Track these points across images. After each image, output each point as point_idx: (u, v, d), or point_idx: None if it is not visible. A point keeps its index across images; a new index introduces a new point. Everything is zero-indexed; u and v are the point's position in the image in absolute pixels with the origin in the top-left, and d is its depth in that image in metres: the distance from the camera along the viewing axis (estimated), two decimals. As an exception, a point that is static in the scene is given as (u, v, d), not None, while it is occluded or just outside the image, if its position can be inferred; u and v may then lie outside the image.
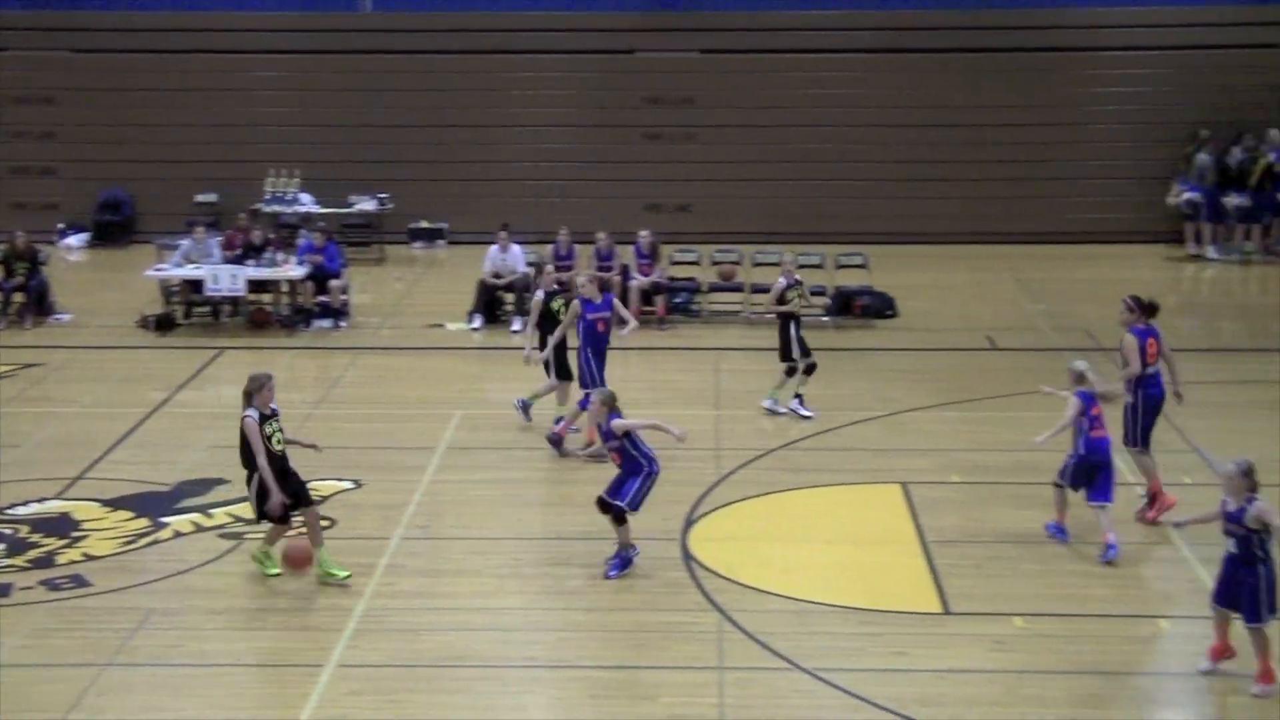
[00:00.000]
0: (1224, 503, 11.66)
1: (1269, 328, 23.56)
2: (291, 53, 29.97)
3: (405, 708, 11.62)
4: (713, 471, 16.69)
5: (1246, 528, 11.45)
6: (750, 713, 11.57)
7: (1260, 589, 11.47)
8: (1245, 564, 11.54)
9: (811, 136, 29.40)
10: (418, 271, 27.46)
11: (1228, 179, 27.57)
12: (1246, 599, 11.54)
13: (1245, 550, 11.52)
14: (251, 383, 13.72)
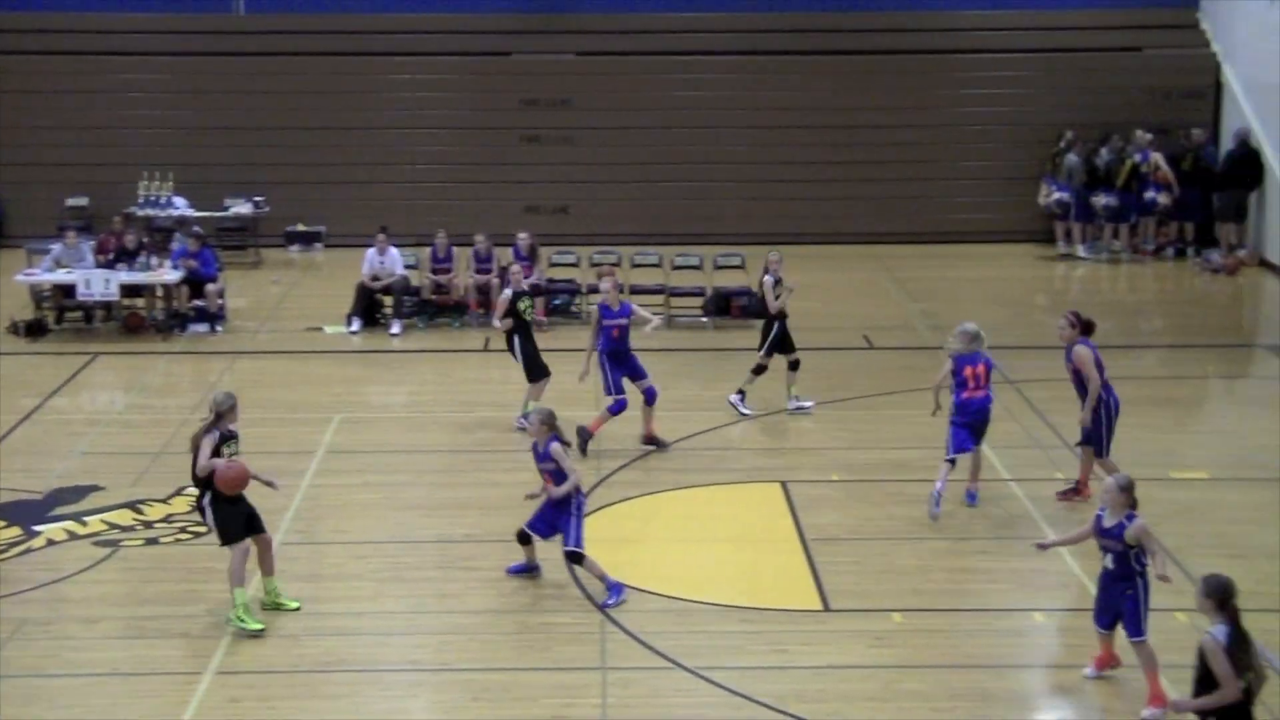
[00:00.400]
0: (1099, 518, 11.55)
1: (1137, 325, 24.03)
2: (164, 54, 29.61)
3: (286, 714, 11.53)
4: (593, 473, 16.71)
5: (1125, 543, 11.35)
6: (632, 712, 11.61)
7: (1141, 603, 11.40)
8: (1124, 579, 11.43)
9: (689, 138, 29.53)
10: (295, 275, 27.24)
11: (1096, 179, 28.05)
12: (1129, 614, 11.45)
13: (1123, 566, 11.42)
14: (224, 402, 13.20)
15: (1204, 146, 28.30)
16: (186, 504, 15.84)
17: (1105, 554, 11.56)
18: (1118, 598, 11.51)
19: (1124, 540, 11.36)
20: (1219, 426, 19.10)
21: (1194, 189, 27.91)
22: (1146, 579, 11.46)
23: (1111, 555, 11.47)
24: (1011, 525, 15.31)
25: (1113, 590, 11.56)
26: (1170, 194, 27.74)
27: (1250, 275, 26.80)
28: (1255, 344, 23.32)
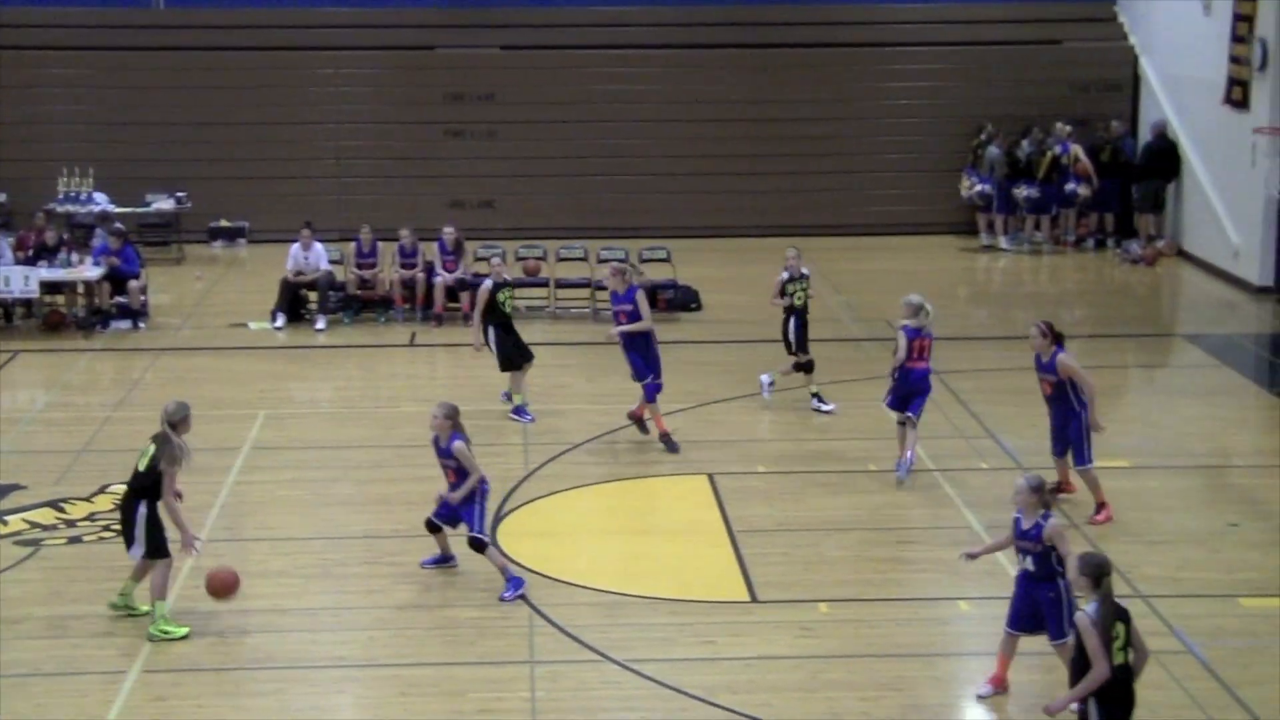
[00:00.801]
0: (1017, 520, 11.40)
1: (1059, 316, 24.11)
2: (84, 49, 29.29)
3: (213, 712, 11.46)
4: (520, 466, 16.71)
5: (1044, 544, 11.25)
6: (561, 705, 11.62)
7: (1062, 604, 11.28)
8: (1045, 580, 11.30)
9: (614, 132, 29.53)
10: (218, 271, 27.04)
11: (1017, 171, 28.28)
12: (1050, 615, 11.32)
13: (1044, 567, 11.28)
14: (176, 412, 12.72)
15: (1123, 138, 28.59)
16: (110, 502, 15.68)
17: (1024, 556, 11.39)
18: (1039, 599, 11.39)
19: (1042, 541, 11.27)
20: (1140, 415, 19.31)
21: (1113, 181, 28.21)
22: (1067, 581, 11.28)
23: (1031, 557, 11.34)
24: (937, 515, 15.42)
25: (1034, 592, 11.41)
26: (1090, 186, 28.01)
27: (1169, 265, 27.11)
28: (1174, 333, 23.60)
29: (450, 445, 13.26)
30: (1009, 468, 16.69)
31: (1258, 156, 23.90)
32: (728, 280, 25.59)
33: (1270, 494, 16.01)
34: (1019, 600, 11.55)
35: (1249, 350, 22.15)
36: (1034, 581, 11.41)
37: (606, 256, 24.18)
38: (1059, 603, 11.31)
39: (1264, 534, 14.96)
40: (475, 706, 11.57)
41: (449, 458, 13.31)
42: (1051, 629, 11.43)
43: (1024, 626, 11.57)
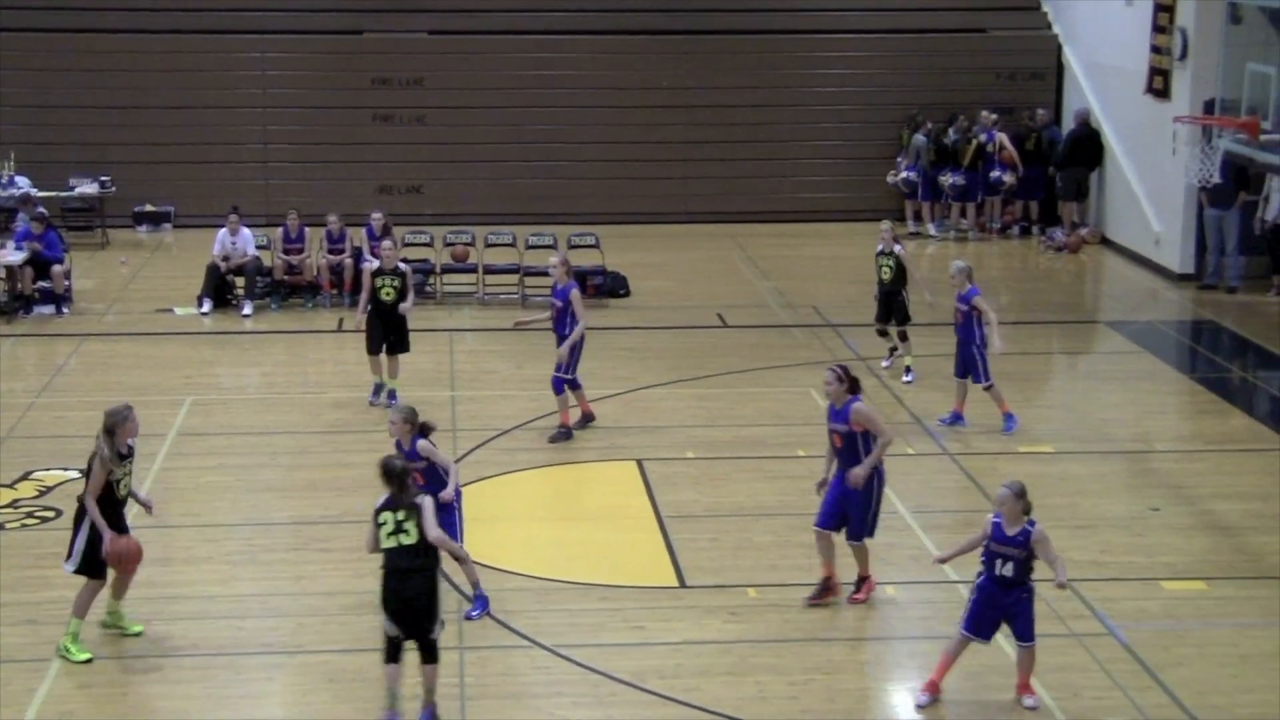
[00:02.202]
0: (996, 525, 11.26)
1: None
2: (4, 30, 28.90)
3: (138, 700, 11.40)
4: (450, 453, 16.66)
5: (1029, 550, 11.17)
6: (490, 691, 11.64)
7: (1031, 605, 11.28)
8: (1019, 586, 11.22)
9: (542, 118, 29.47)
10: (143, 256, 26.79)
11: (943, 158, 28.46)
12: (1024, 619, 11.26)
13: (1021, 573, 11.20)
14: (111, 417, 12.01)
15: (1047, 126, 28.83)
16: (33, 489, 15.59)
17: (1003, 561, 11.21)
18: (1010, 604, 11.25)
19: (1029, 547, 11.15)
20: (1064, 401, 19.52)
21: (1037, 169, 28.45)
22: (1033, 586, 11.32)
23: (1012, 563, 11.18)
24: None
25: (1004, 598, 11.25)
26: (1015, 173, 28.22)
27: (1092, 253, 27.37)
28: (1098, 320, 23.84)
29: (414, 447, 12.77)
30: (935, 453, 16.85)
31: (1178, 145, 24.14)
32: (657, 266, 25.63)
33: (1191, 479, 16.23)
34: (982, 605, 11.36)
35: (1170, 337, 22.43)
36: (1006, 587, 11.24)
37: (535, 243, 24.22)
38: (1029, 607, 11.27)
39: (1185, 518, 15.17)
40: (406, 691, 11.54)
41: (416, 459, 12.71)
42: (1023, 632, 11.34)
43: (989, 634, 11.44)
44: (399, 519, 10.96)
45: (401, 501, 11.03)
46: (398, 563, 10.92)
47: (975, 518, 14.79)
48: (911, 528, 14.76)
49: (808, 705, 11.45)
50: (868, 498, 12.83)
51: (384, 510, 11.02)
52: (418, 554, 10.94)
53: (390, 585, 10.95)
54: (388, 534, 10.94)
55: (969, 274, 17.38)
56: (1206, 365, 21.20)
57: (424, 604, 10.97)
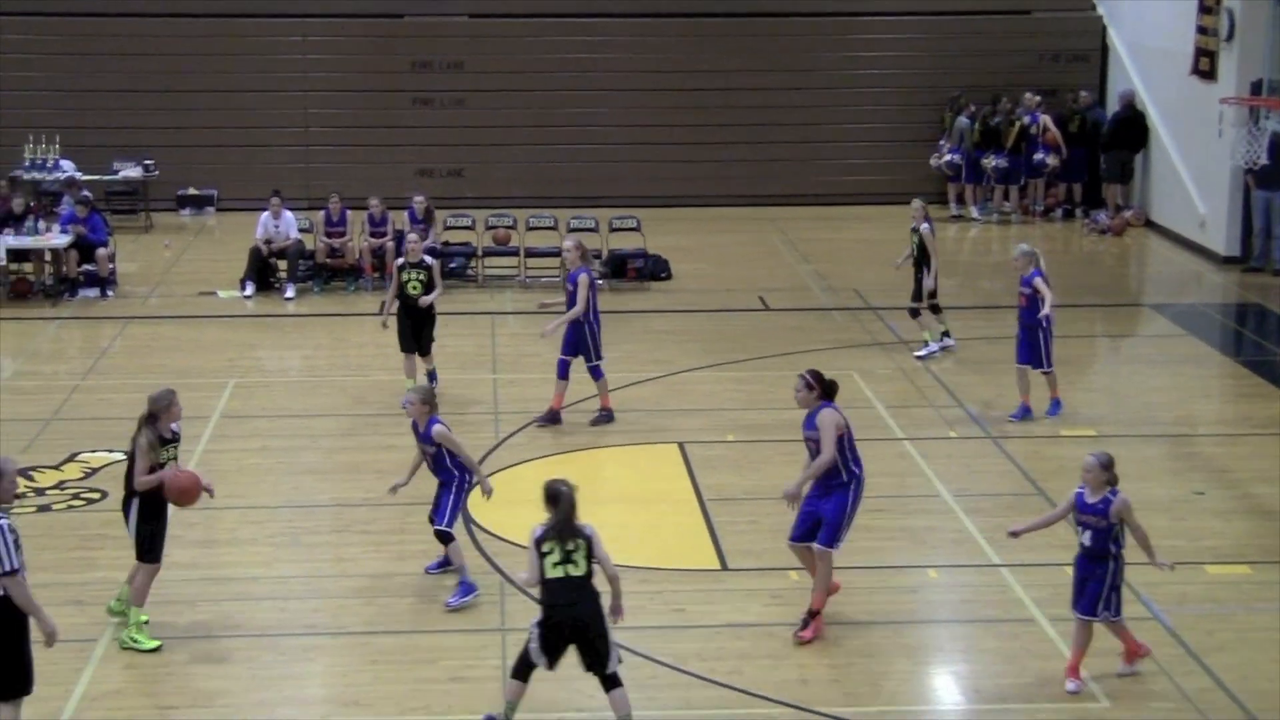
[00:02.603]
0: (1079, 495, 11.25)
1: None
2: (48, 15, 29.02)
3: (182, 680, 11.47)
4: (491, 435, 16.72)
5: (1108, 520, 11.11)
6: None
7: (1104, 588, 11.17)
8: (1099, 559, 11.18)
9: (583, 100, 29.46)
10: (186, 239, 26.92)
11: (986, 141, 28.33)
12: (1089, 595, 11.22)
13: (1100, 544, 11.16)
14: (154, 403, 11.89)
15: (1091, 108, 28.66)
16: (79, 470, 15.71)
17: (1083, 530, 11.24)
18: (1085, 579, 11.24)
19: (1108, 516, 11.08)
20: (1107, 384, 19.43)
21: (1081, 151, 28.30)
22: (1121, 561, 11.21)
23: (1091, 532, 11.17)
24: (905, 484, 15.49)
25: (1085, 569, 11.25)
26: (1059, 156, 28.09)
27: (1136, 235, 27.22)
28: (1141, 303, 23.72)
29: (430, 430, 12.62)
30: (977, 436, 16.80)
31: (1224, 127, 23.98)
32: (697, 249, 25.60)
33: (1235, 462, 16.14)
34: (1078, 578, 11.34)
35: (1215, 320, 22.29)
36: (1088, 558, 11.21)
37: (576, 225, 24.21)
38: (1102, 584, 11.17)
39: (1228, 502, 15.10)
40: (446, 674, 11.61)
41: (429, 443, 12.66)
42: (1084, 604, 11.25)
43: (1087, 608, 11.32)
44: (567, 549, 10.37)
45: (570, 529, 10.45)
46: (566, 595, 10.36)
47: (1017, 502, 14.87)
48: (953, 510, 14.73)
49: (850, 689, 11.45)
50: (843, 504, 11.97)
51: (548, 539, 10.42)
52: (585, 586, 10.42)
53: (554, 617, 10.39)
54: (553, 564, 10.34)
55: (1034, 258, 17.11)
56: (1251, 348, 21.07)
57: (597, 633, 10.42)
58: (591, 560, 10.46)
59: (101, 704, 11.21)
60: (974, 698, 11.49)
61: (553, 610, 10.40)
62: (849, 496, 11.99)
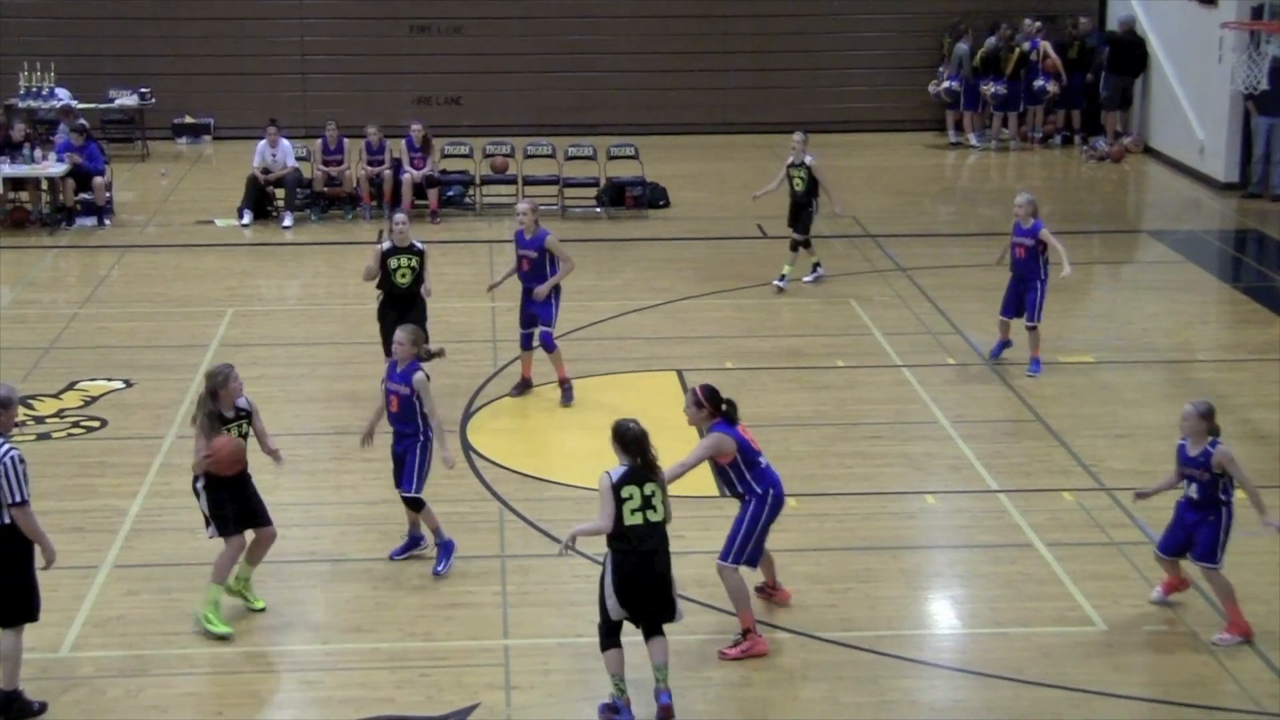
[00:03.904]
0: (1182, 447, 11.14)
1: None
2: (42, -58, 28.86)
3: (185, 606, 11.53)
4: (490, 363, 16.75)
5: (1211, 472, 10.98)
6: (531, 598, 11.75)
7: (1221, 531, 11.03)
8: (1206, 507, 11.03)
9: (580, 28, 29.30)
10: (183, 167, 26.85)
11: (986, 68, 28.20)
12: (1204, 540, 11.03)
13: (1207, 495, 11.01)
14: (211, 380, 11.32)
15: (1090, 34, 28.51)
16: (79, 398, 15.74)
17: (1189, 483, 11.10)
18: (1194, 525, 11.09)
19: (1210, 468, 10.94)
20: (1105, 310, 19.43)
21: (1080, 77, 28.18)
22: (1231, 509, 11.06)
23: (1196, 485, 11.04)
24: (903, 411, 15.53)
25: (1189, 517, 11.12)
26: (1058, 82, 27.97)
27: (1135, 162, 27.15)
28: (1140, 230, 23.69)
29: (410, 373, 11.89)
30: (975, 363, 16.83)
31: (1224, 52, 23.87)
32: (696, 177, 25.56)
33: (1232, 388, 16.17)
34: (1173, 527, 11.26)
35: (1213, 246, 22.28)
36: (1195, 509, 11.09)
37: (574, 153, 24.16)
38: (1216, 529, 11.05)
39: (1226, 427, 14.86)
40: (446, 600, 11.68)
41: (405, 383, 11.88)
42: (1202, 554, 11.09)
43: (1170, 548, 11.31)
44: (646, 494, 9.98)
45: (647, 474, 10.08)
46: (645, 542, 9.93)
47: (1015, 428, 14.95)
48: (951, 437, 14.78)
49: (847, 613, 11.52)
50: (741, 520, 11.03)
51: (628, 483, 10.01)
52: (664, 533, 10.04)
53: (631, 566, 9.94)
54: (632, 510, 9.95)
55: (1035, 208, 16.39)
56: (1250, 274, 21.08)
57: (669, 585, 10.09)
58: (668, 504, 10.15)
59: (103, 630, 11.28)
60: (971, 622, 11.57)
61: (630, 557, 9.96)
62: (747, 512, 11.00)
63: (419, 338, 12.20)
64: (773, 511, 11.05)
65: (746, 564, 11.05)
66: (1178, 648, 11.02)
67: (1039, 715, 10.22)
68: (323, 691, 10.65)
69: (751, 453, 10.98)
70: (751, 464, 10.99)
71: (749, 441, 11.00)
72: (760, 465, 11.02)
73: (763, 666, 10.79)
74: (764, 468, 11.03)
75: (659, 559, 10.05)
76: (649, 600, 10.08)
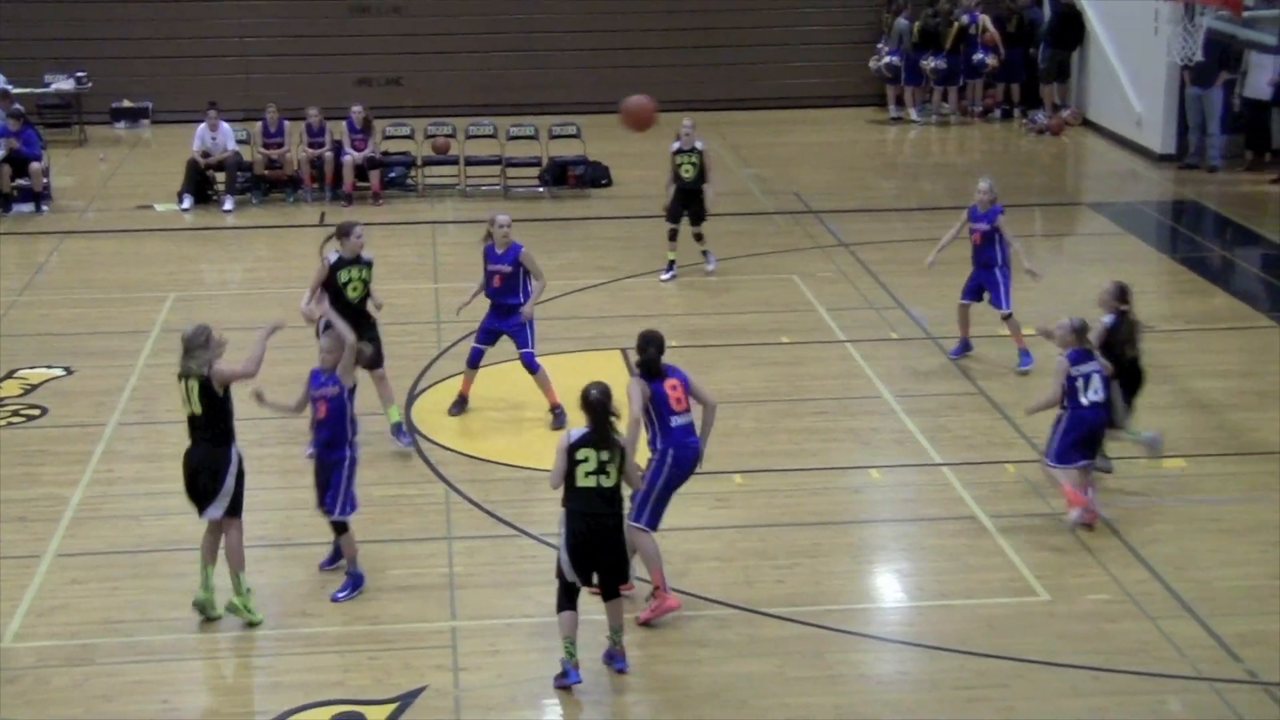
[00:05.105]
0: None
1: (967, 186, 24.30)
2: (-26, -75, 28.55)
3: (130, 595, 11.50)
4: (434, 344, 16.72)
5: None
6: (478, 580, 11.76)
7: (1051, 429, 12.39)
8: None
9: (521, 6, 29.20)
10: (122, 152, 26.64)
11: (925, 42, 28.29)
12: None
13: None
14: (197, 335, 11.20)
15: (1029, 7, 28.64)
16: (18, 387, 15.63)
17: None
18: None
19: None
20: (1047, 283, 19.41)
21: (1019, 50, 28.31)
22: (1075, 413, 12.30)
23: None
24: (848, 386, 15.60)
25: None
26: (998, 55, 28.09)
27: (1074, 135, 27.30)
28: (1080, 202, 23.83)
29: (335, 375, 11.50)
30: (919, 337, 16.91)
31: (1160, 24, 24.03)
32: (638, 156, 25.48)
33: (1171, 358, 16.31)
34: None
35: (1151, 217, 22.45)
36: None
37: (516, 133, 24.12)
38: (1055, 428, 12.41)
39: (1164, 397, 15.26)
40: (394, 582, 11.68)
41: (330, 385, 11.47)
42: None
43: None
44: (602, 459, 10.08)
45: (605, 440, 10.15)
46: (594, 506, 10.07)
47: (959, 400, 15.04)
48: (895, 411, 14.86)
49: (795, 588, 11.58)
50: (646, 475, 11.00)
51: (583, 446, 10.12)
52: (615, 499, 10.18)
53: (582, 529, 10.10)
54: (586, 473, 10.06)
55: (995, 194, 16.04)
56: (1188, 245, 21.26)
57: (621, 551, 10.25)
58: (629, 471, 10.25)
59: (48, 619, 11.22)
60: (917, 595, 11.66)
61: (582, 519, 10.12)
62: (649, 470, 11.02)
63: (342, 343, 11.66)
64: (671, 474, 11.02)
65: (647, 524, 11.01)
66: (1120, 616, 11.13)
67: (984, 685, 10.31)
68: (270, 677, 10.63)
69: (665, 408, 11.00)
70: (661, 420, 11.00)
71: (665, 396, 11.02)
72: (670, 424, 11.01)
73: (711, 643, 10.84)
74: (673, 428, 11.02)
75: (609, 521, 10.17)
76: (598, 563, 10.23)
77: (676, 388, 11.10)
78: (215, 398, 11.09)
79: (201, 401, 11.09)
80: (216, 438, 11.14)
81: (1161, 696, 10.25)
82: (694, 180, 18.81)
